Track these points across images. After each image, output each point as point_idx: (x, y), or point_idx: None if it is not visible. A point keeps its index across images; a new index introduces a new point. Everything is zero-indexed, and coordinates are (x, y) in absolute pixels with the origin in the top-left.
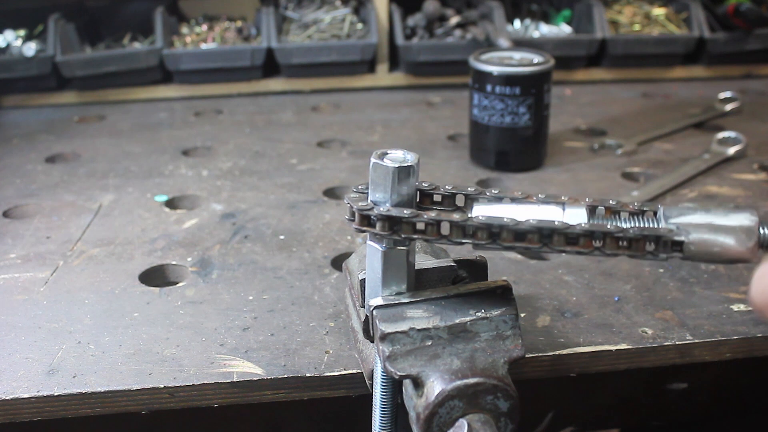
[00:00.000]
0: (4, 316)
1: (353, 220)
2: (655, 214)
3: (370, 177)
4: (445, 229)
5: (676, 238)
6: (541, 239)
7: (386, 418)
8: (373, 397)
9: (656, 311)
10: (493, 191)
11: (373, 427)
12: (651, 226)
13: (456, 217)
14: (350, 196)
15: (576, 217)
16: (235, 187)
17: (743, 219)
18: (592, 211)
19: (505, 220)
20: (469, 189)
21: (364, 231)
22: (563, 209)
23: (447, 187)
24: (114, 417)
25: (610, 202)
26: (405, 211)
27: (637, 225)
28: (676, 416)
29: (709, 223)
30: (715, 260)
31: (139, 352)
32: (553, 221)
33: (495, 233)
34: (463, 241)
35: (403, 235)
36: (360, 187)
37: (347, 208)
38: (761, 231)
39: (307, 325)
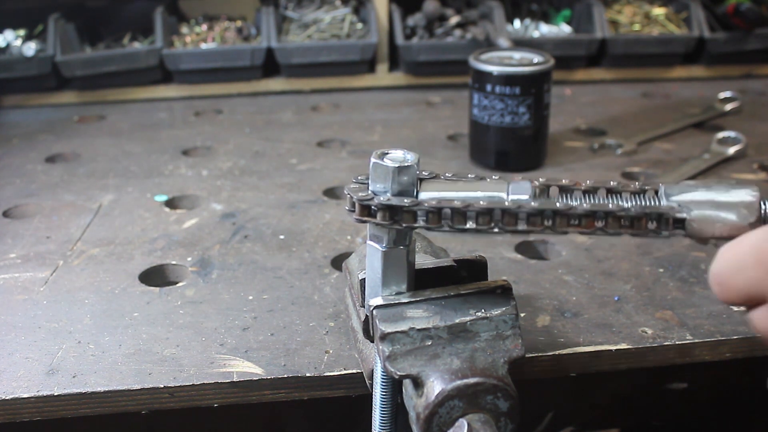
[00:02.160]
0: (4, 316)
1: (353, 211)
2: (656, 192)
3: (370, 177)
4: (446, 216)
5: (678, 215)
6: (543, 221)
7: (386, 418)
8: (373, 396)
9: (656, 311)
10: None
11: (373, 427)
12: (652, 204)
13: (457, 203)
14: (350, 186)
15: (521, 190)
16: (235, 187)
17: (744, 195)
18: (543, 190)
19: (507, 204)
20: (469, 175)
21: (364, 221)
22: (508, 185)
23: (447, 174)
24: (114, 417)
25: (611, 183)
26: (405, 200)
27: (638, 203)
28: (676, 416)
29: (711, 200)
30: (717, 237)
31: (139, 352)
32: (554, 202)
33: (497, 218)
34: (465, 227)
35: (404, 225)
36: (360, 177)
37: (347, 198)
38: (762, 206)
39: (307, 324)
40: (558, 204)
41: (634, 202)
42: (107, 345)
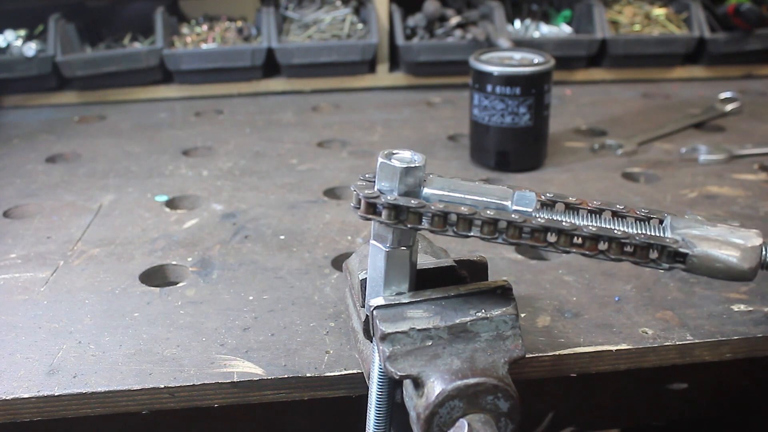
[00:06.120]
0: (5, 316)
1: (359, 208)
2: (661, 222)
3: (377, 176)
4: (451, 221)
5: (681, 249)
6: (546, 238)
7: (381, 418)
8: (369, 396)
9: (656, 311)
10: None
11: (367, 426)
12: (656, 234)
13: (464, 210)
14: (357, 183)
15: (525, 202)
16: (236, 187)
17: (749, 239)
18: (549, 205)
19: (513, 216)
20: (475, 179)
21: (369, 219)
22: (513, 194)
23: (451, 176)
24: (114, 417)
25: (617, 206)
26: (412, 201)
27: (642, 232)
28: (676, 416)
29: (715, 239)
30: (716, 276)
31: (139, 352)
32: (561, 221)
33: (501, 229)
34: (470, 234)
35: (408, 225)
36: (367, 175)
37: (353, 195)
38: (764, 252)
39: (307, 325)
40: (564, 224)
41: (638, 230)
42: (108, 345)
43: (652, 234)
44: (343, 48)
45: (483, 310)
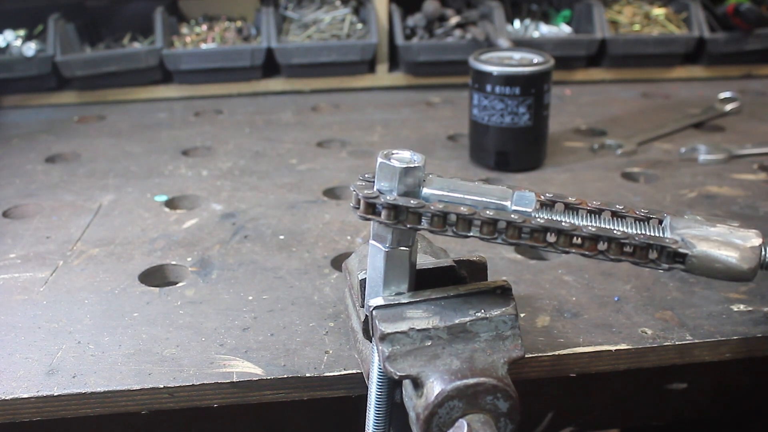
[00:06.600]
0: (4, 316)
1: (358, 208)
2: (660, 222)
3: (376, 176)
4: (450, 221)
5: (681, 250)
6: (546, 238)
7: (381, 418)
8: (368, 396)
9: (656, 311)
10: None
11: (366, 426)
12: (656, 234)
13: (463, 210)
14: (356, 183)
15: (525, 202)
16: (235, 187)
17: (748, 239)
18: (546, 205)
19: (512, 216)
20: (475, 180)
21: (368, 219)
22: (513, 194)
23: (451, 176)
24: (114, 417)
25: (617, 206)
26: (411, 201)
27: (641, 232)
28: (676, 416)
29: (715, 239)
30: (715, 276)
31: (138, 352)
32: (560, 221)
33: (501, 229)
34: (469, 234)
35: (408, 225)
36: (366, 175)
37: (353, 195)
38: (763, 253)
39: (306, 325)
40: (564, 224)
41: (637, 230)
42: (107, 345)
43: (652, 234)
44: (343, 48)
45: (482, 310)
